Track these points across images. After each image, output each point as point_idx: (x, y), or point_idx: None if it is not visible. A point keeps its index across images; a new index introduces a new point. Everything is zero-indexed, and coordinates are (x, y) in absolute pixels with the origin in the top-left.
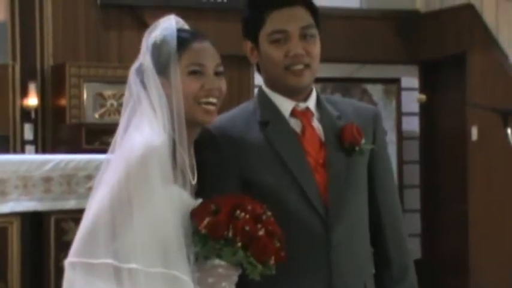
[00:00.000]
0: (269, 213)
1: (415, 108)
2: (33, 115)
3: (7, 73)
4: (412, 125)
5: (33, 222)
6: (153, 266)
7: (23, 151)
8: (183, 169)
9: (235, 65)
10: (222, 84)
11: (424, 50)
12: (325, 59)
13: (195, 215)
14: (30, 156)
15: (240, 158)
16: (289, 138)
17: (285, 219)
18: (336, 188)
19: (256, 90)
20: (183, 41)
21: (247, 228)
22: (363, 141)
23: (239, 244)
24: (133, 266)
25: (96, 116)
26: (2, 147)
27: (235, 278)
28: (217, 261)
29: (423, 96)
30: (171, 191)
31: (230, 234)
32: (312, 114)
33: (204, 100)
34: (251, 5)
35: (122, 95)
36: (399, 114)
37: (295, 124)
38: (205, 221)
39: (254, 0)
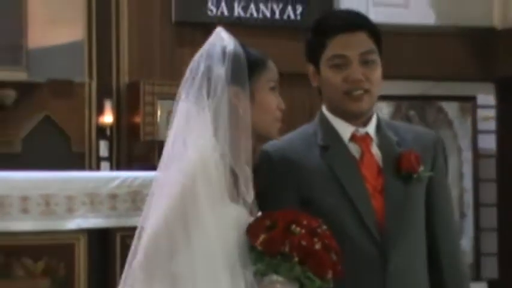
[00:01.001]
0: (324, 227)
1: (492, 126)
2: (108, 132)
3: (83, 91)
4: (488, 143)
5: (99, 239)
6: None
7: (98, 168)
8: (238, 185)
9: (307, 82)
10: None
11: (500, 67)
12: (399, 76)
13: (250, 231)
14: (97, 173)
15: (299, 177)
16: (348, 163)
17: (341, 241)
18: (393, 216)
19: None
20: (261, 57)
21: (303, 243)
22: (421, 168)
23: (296, 259)
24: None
25: None
26: (78, 163)
27: None
28: (275, 277)
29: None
30: (226, 210)
31: (287, 249)
32: (371, 139)
33: (278, 117)
34: (315, 30)
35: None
36: (475, 132)
37: (354, 149)
38: (261, 238)
39: (318, 25)
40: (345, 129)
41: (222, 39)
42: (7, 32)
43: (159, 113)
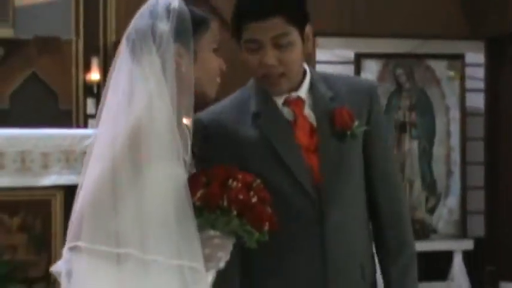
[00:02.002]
0: (258, 181)
1: (480, 84)
2: (95, 90)
3: (70, 49)
4: (476, 101)
5: (75, 195)
6: (152, 254)
7: (85, 125)
8: (181, 147)
9: None
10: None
11: (489, 25)
12: (387, 34)
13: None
14: (72, 131)
15: (233, 149)
16: (280, 127)
17: (278, 201)
18: (328, 173)
19: (317, 66)
20: (205, 17)
21: (241, 196)
22: (355, 123)
23: (234, 213)
24: (129, 250)
25: None
26: (66, 121)
27: (230, 247)
28: (212, 232)
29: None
30: (171, 168)
31: (225, 203)
32: (303, 102)
33: (218, 78)
34: (234, 11)
35: None
36: (463, 90)
37: (288, 113)
38: (199, 193)
39: (235, 8)
40: (277, 96)
41: None
42: None
43: None
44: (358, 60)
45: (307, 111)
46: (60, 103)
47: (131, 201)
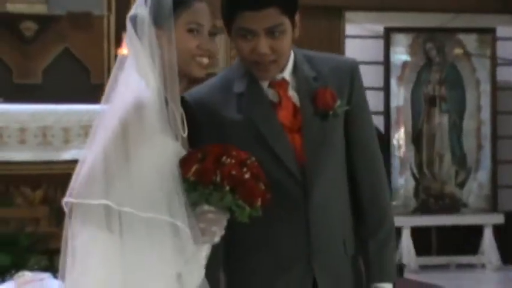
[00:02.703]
0: (253, 159)
1: (511, 57)
2: None
3: (102, 24)
4: (507, 75)
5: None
6: (146, 212)
7: None
8: (174, 122)
9: (325, 14)
10: (215, 45)
11: None
12: (417, 8)
13: (182, 164)
14: (92, 106)
15: (218, 129)
16: (264, 108)
17: None
18: (312, 152)
19: (346, 40)
20: None
21: (233, 172)
22: (338, 103)
23: (227, 188)
24: (126, 209)
25: None
26: (97, 95)
27: (224, 222)
28: (206, 207)
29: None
30: (166, 142)
31: (218, 179)
32: (287, 83)
33: (198, 58)
34: (227, 0)
35: None
36: (494, 64)
37: (272, 95)
38: (193, 168)
39: None
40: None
41: None
42: None
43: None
44: (388, 34)
45: (291, 92)
46: (92, 78)
47: (129, 172)
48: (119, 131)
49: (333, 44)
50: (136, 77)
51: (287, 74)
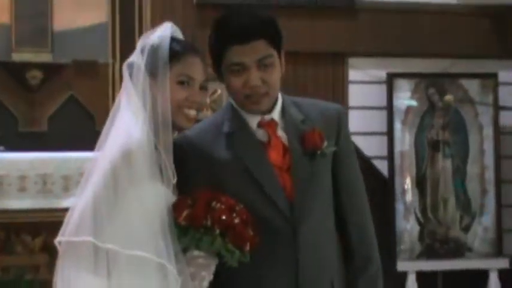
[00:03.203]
0: (241, 205)
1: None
2: None
3: (107, 72)
4: (510, 120)
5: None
6: (131, 249)
7: None
8: (165, 168)
9: (329, 61)
10: (205, 98)
11: None
12: (419, 53)
13: (174, 209)
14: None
15: (208, 169)
16: (254, 148)
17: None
18: (300, 192)
19: (350, 86)
20: (177, 50)
21: (223, 217)
22: (325, 144)
23: (217, 232)
24: (110, 245)
25: None
26: None
27: (213, 268)
28: (196, 252)
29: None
30: (157, 187)
31: (209, 222)
32: (276, 124)
33: (185, 110)
34: (214, 36)
35: (215, 91)
36: (496, 108)
37: (262, 135)
38: (184, 213)
39: (216, 31)
40: (252, 118)
41: (154, 32)
42: (34, 15)
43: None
44: (391, 79)
45: (280, 132)
46: (98, 124)
47: (117, 214)
48: (109, 174)
49: (337, 89)
50: (129, 115)
51: (276, 115)
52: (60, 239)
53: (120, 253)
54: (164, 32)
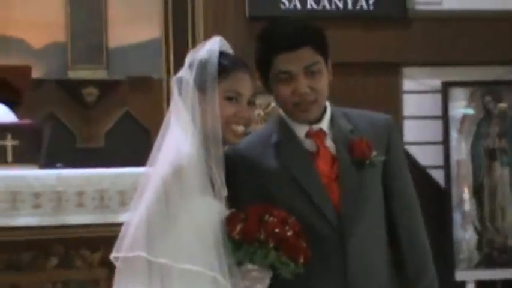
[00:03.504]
0: (293, 217)
1: None
2: None
3: (161, 87)
4: None
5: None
6: (183, 263)
7: None
8: (216, 182)
9: (383, 71)
10: (253, 114)
11: None
12: (475, 61)
13: (227, 223)
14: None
15: (258, 180)
16: (301, 157)
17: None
18: (348, 201)
19: (404, 96)
20: (226, 65)
21: (277, 230)
22: (374, 153)
23: (271, 245)
24: (162, 260)
25: None
26: None
27: (267, 281)
28: (250, 266)
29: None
30: (208, 201)
31: (262, 236)
32: (325, 134)
33: (233, 126)
34: (261, 46)
35: (269, 104)
36: None
37: (310, 145)
38: (238, 227)
39: (263, 41)
40: (300, 128)
41: (203, 46)
42: (89, 33)
43: None
44: (446, 88)
45: (329, 142)
46: (153, 139)
47: (169, 230)
48: (160, 190)
49: (391, 100)
50: (179, 130)
51: (325, 125)
52: (115, 254)
53: (173, 267)
54: (213, 46)
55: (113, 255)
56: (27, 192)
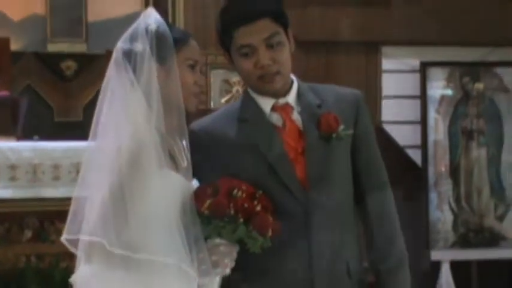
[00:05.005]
0: (260, 192)
1: None
2: None
3: None
4: None
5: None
6: (158, 254)
7: None
8: (173, 154)
9: (363, 50)
10: (205, 82)
11: None
12: (454, 42)
13: (195, 199)
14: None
15: (221, 151)
16: (267, 132)
17: None
18: (315, 175)
19: (383, 75)
20: (181, 36)
21: (246, 205)
22: (341, 127)
23: (241, 220)
24: (120, 251)
25: (223, 101)
26: None
27: (235, 254)
28: (218, 240)
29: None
30: (167, 175)
31: (232, 211)
32: (292, 108)
33: (195, 93)
34: (220, 21)
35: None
36: None
37: (276, 119)
38: (207, 203)
39: (222, 16)
40: (266, 103)
41: (146, 19)
42: (68, 6)
43: (211, 82)
44: (424, 68)
45: (295, 116)
46: None
47: (135, 212)
48: (124, 166)
49: (370, 79)
50: (127, 105)
51: (291, 99)
52: (72, 237)
53: (132, 257)
54: (157, 17)
55: (68, 237)
56: (3, 165)
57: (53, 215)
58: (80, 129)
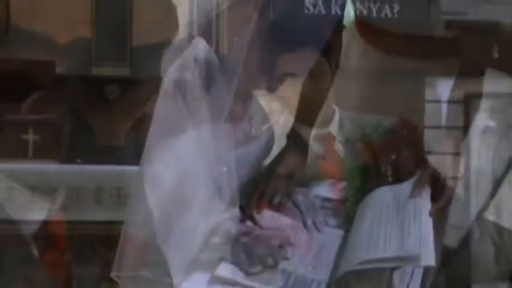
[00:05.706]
0: None
1: None
2: None
3: None
4: None
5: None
6: None
7: None
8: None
9: (407, 79)
10: None
11: None
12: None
13: None
14: None
15: None
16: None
17: None
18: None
19: (427, 105)
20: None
21: None
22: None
23: None
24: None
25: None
26: None
27: None
28: None
29: None
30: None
31: None
32: (334, 137)
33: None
34: (265, 48)
35: None
36: None
37: (317, 148)
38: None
39: (266, 44)
40: (307, 131)
41: (195, 48)
42: (114, 31)
43: None
44: (468, 99)
45: (337, 146)
46: None
47: None
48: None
49: (413, 108)
50: (189, 145)
51: (333, 128)
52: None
53: None
54: (204, 45)
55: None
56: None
57: (93, 239)
58: (121, 153)
